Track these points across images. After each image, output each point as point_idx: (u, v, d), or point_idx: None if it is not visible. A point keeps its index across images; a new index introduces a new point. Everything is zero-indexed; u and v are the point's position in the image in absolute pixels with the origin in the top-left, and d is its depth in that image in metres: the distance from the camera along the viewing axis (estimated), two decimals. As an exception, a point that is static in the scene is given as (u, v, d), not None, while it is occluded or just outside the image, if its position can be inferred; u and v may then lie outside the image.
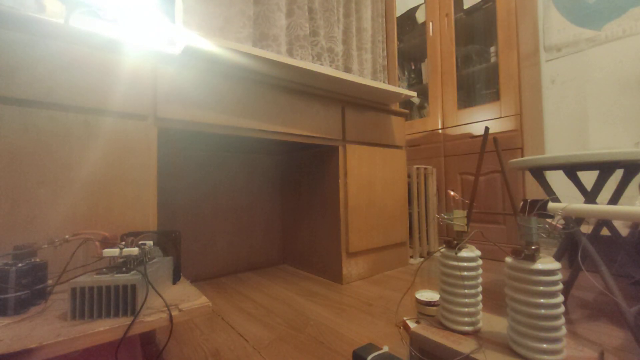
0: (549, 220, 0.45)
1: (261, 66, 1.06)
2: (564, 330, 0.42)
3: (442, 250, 0.55)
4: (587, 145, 1.72)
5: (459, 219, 0.53)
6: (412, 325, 0.89)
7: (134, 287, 0.52)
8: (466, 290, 0.52)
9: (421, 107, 2.35)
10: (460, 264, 0.52)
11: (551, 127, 1.85)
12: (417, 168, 1.79)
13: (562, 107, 1.79)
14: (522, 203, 0.91)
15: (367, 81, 1.27)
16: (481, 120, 1.78)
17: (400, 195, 1.61)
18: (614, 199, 0.95)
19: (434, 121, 2.01)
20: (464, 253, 0.52)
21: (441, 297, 0.55)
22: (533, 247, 0.45)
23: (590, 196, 0.88)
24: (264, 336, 0.89)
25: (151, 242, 0.64)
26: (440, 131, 1.98)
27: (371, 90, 1.35)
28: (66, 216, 0.72)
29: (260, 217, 1.67)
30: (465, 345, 0.47)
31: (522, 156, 1.60)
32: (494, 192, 1.71)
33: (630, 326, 0.71)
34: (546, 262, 0.43)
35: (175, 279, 0.70)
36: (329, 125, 1.32)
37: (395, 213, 1.58)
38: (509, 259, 0.47)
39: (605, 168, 0.84)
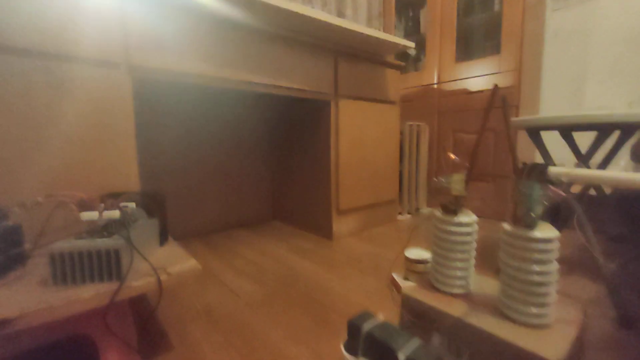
0: (552, 187, 0.43)
1: (247, 9, 0.95)
2: (554, 296, 0.43)
3: (438, 214, 0.54)
4: (582, 104, 1.70)
5: (457, 182, 0.51)
6: (400, 281, 0.92)
7: (117, 252, 0.49)
8: (460, 255, 0.51)
9: (417, 59, 2.22)
10: (457, 229, 0.51)
11: (548, 84, 1.79)
12: (410, 125, 1.74)
13: (561, 63, 1.73)
14: (521, 166, 0.90)
15: (363, 29, 1.17)
16: (479, 75, 1.71)
17: (391, 153, 1.59)
18: (606, 162, 0.94)
19: (430, 75, 1.92)
20: (461, 218, 0.51)
21: (434, 259, 0.55)
22: (533, 215, 0.44)
23: (584, 158, 0.87)
24: (255, 292, 0.91)
25: (133, 204, 0.61)
26: (435, 86, 1.90)
27: (366, 40, 1.25)
28: (39, 178, 0.66)
29: (250, 174, 1.64)
30: (456, 308, 0.48)
31: (518, 115, 1.57)
32: (486, 150, 1.70)
33: (606, 281, 0.75)
34: (545, 230, 0.42)
35: (162, 241, 0.68)
36: (321, 78, 1.23)
37: (386, 171, 1.57)
38: (507, 226, 0.46)
39: (604, 130, 0.82)
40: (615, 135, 0.91)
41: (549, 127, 0.85)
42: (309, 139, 1.43)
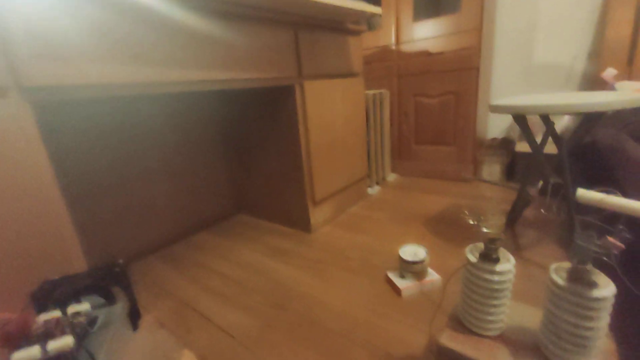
0: (610, 238, 0.39)
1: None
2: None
3: (473, 259, 0.48)
4: (531, 60, 1.74)
5: (495, 225, 0.45)
6: (397, 281, 0.90)
7: (86, 401, 0.35)
8: (499, 301, 0.47)
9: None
10: (499, 277, 0.46)
11: (500, 42, 1.79)
12: (373, 94, 1.64)
13: (513, 19, 1.71)
14: (541, 184, 0.87)
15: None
16: (438, 35, 1.61)
17: (359, 129, 1.49)
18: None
19: (387, 35, 1.77)
20: (502, 266, 0.46)
21: (466, 303, 0.51)
22: (588, 269, 0.40)
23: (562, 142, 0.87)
24: (248, 325, 0.82)
25: (87, 306, 0.45)
26: (393, 47, 1.77)
27: (331, 10, 1.05)
28: None
29: (204, 171, 1.43)
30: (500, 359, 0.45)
31: (477, 77, 1.55)
32: (446, 115, 1.69)
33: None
34: (604, 288, 0.39)
35: (135, 323, 0.54)
36: (282, 59, 1.03)
37: (356, 148, 1.48)
38: (560, 280, 0.41)
39: (589, 116, 0.81)
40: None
41: (531, 113, 0.82)
42: (272, 127, 1.26)
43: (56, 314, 0.40)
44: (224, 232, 1.40)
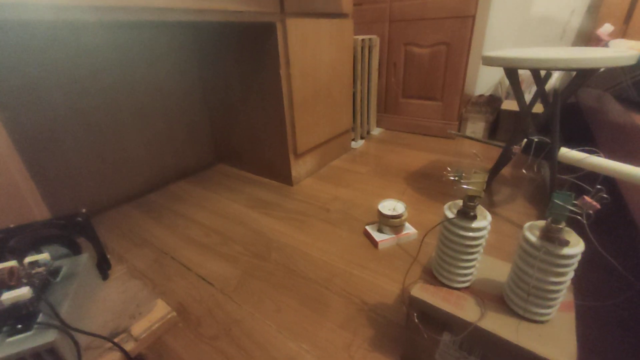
0: (587, 198, 0.39)
1: None
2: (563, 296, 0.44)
3: (450, 215, 0.48)
4: (529, 11, 1.64)
5: (477, 184, 0.44)
6: (375, 234, 0.92)
7: (53, 350, 0.35)
8: (471, 256, 0.48)
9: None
10: (473, 234, 0.46)
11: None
12: (362, 40, 1.53)
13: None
14: (525, 141, 0.85)
15: None
16: (437, -26, 1.47)
17: (346, 77, 1.41)
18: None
19: (382, -29, 1.61)
20: (478, 223, 0.46)
21: (440, 256, 0.52)
22: (562, 227, 0.40)
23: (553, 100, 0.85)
24: (228, 274, 0.83)
25: (46, 256, 0.42)
26: (388, -13, 1.62)
27: None
28: None
29: (180, 116, 1.34)
30: (467, 311, 0.47)
31: (473, 27, 1.46)
32: (436, 68, 1.62)
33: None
34: (575, 246, 0.40)
35: (105, 273, 0.52)
36: (262, -9, 0.92)
37: (341, 99, 1.42)
38: (532, 237, 0.42)
39: (583, 73, 0.78)
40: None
41: (525, 67, 0.79)
42: (253, 73, 1.17)
43: (11, 263, 0.37)
44: (204, 182, 1.37)
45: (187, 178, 1.41)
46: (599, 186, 0.41)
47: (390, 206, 0.92)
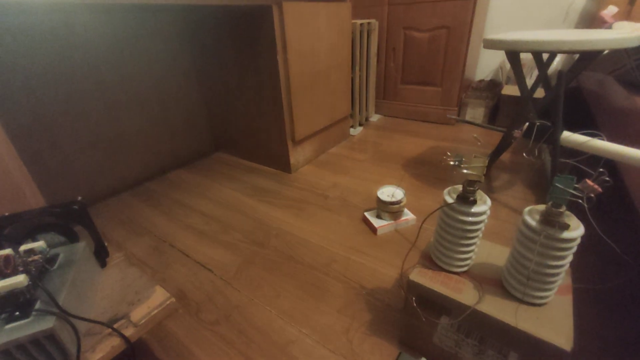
0: (589, 181, 0.38)
1: None
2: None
3: (450, 200, 0.47)
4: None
5: (477, 168, 0.44)
6: (373, 220, 0.92)
7: (52, 337, 0.35)
8: (471, 241, 0.48)
9: None
10: (473, 219, 0.46)
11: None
12: (361, 24, 1.49)
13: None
14: (526, 125, 0.84)
15: None
16: (438, -46, 1.43)
17: (344, 63, 1.39)
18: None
19: (381, -49, 1.55)
20: (478, 208, 0.45)
21: (438, 241, 0.52)
22: (562, 211, 0.40)
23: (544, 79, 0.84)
24: (228, 261, 0.83)
25: (42, 244, 0.42)
26: (387, -33, 1.57)
27: None
28: None
29: (176, 103, 1.32)
30: (466, 295, 0.48)
31: (474, 8, 1.42)
32: (436, 52, 1.59)
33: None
34: (575, 230, 0.40)
35: (103, 261, 0.52)
36: (256, -29, 0.88)
37: (340, 85, 1.40)
38: (532, 221, 0.42)
39: (587, 55, 0.76)
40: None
41: (527, 50, 0.77)
42: (249, 58, 1.14)
43: (6, 251, 0.37)
44: (202, 170, 1.36)
45: (185, 166, 1.40)
46: (601, 169, 0.41)
47: (389, 192, 0.92)
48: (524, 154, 1.21)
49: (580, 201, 0.38)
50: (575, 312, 0.44)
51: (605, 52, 0.82)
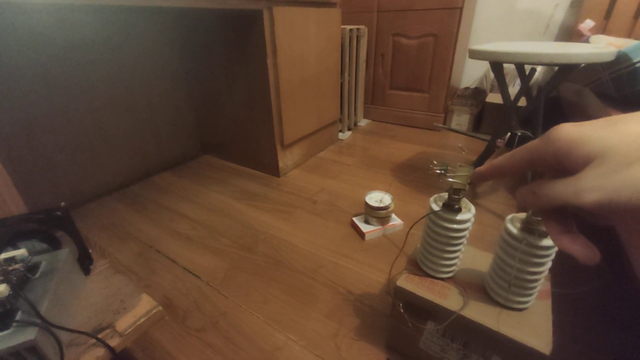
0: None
1: None
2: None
3: (435, 207, 0.48)
4: (514, 4, 1.66)
5: (462, 177, 0.45)
6: (362, 226, 0.93)
7: (34, 349, 0.34)
8: (455, 247, 0.50)
9: None
10: (458, 226, 0.47)
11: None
12: (350, 30, 1.51)
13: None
14: (508, 135, 0.86)
15: None
16: (426, -36, 1.46)
17: (333, 68, 1.40)
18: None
19: (370, -41, 1.58)
20: (463, 215, 0.47)
21: (424, 247, 0.53)
22: (541, 219, 0.41)
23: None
24: (215, 267, 0.82)
25: (23, 251, 0.40)
26: (376, -25, 1.60)
27: None
28: None
29: (163, 106, 1.30)
30: (451, 300, 0.49)
31: (460, 18, 1.46)
32: (424, 59, 1.62)
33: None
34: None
35: (87, 268, 0.51)
36: (247, -24, 0.89)
37: (329, 89, 1.41)
38: (513, 229, 0.43)
39: (566, 68, 0.80)
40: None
41: (510, 62, 0.80)
42: (239, 61, 1.14)
43: (-14, 262, 0.36)
44: (189, 173, 1.34)
45: (172, 169, 1.38)
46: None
47: (377, 198, 0.93)
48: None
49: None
50: (554, 316, 0.46)
51: (582, 65, 0.86)
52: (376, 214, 0.91)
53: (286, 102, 1.16)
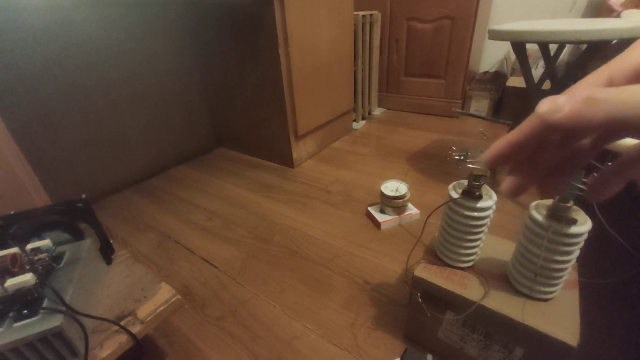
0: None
1: None
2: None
3: (455, 195, 0.47)
4: (539, -20, 1.56)
5: (480, 162, 0.43)
6: (377, 215, 0.92)
7: (60, 334, 0.35)
8: (476, 236, 0.48)
9: None
10: (478, 214, 0.45)
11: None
12: (363, 16, 1.47)
13: None
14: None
15: None
16: (442, -58, 1.39)
17: (346, 56, 1.37)
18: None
19: (383, -60, 1.52)
20: (484, 203, 0.45)
21: (443, 236, 0.51)
22: (569, 206, 0.39)
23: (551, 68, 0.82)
24: (232, 257, 0.83)
25: (48, 242, 0.42)
26: (389, -43, 1.54)
27: None
28: None
29: (177, 99, 1.31)
30: (471, 290, 0.47)
31: (478, 1, 1.40)
32: (440, 43, 1.56)
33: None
34: (582, 225, 0.39)
35: (109, 258, 0.52)
36: (257, -37, 0.87)
37: (342, 78, 1.38)
38: (538, 216, 0.41)
39: (594, 46, 0.75)
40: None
41: (533, 41, 0.75)
42: (250, 51, 1.13)
43: (13, 250, 0.37)
44: (205, 166, 1.36)
45: (187, 162, 1.40)
46: (609, 163, 0.40)
47: (393, 187, 0.91)
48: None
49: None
50: (581, 307, 0.44)
51: (614, 42, 0.80)
52: (392, 204, 0.89)
53: (299, 92, 1.14)
